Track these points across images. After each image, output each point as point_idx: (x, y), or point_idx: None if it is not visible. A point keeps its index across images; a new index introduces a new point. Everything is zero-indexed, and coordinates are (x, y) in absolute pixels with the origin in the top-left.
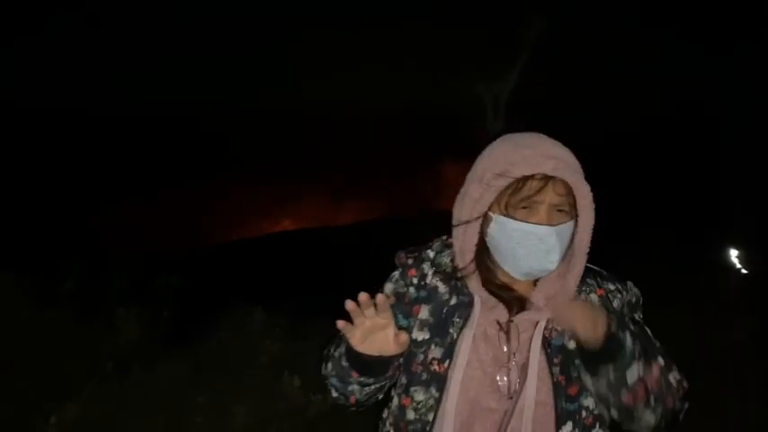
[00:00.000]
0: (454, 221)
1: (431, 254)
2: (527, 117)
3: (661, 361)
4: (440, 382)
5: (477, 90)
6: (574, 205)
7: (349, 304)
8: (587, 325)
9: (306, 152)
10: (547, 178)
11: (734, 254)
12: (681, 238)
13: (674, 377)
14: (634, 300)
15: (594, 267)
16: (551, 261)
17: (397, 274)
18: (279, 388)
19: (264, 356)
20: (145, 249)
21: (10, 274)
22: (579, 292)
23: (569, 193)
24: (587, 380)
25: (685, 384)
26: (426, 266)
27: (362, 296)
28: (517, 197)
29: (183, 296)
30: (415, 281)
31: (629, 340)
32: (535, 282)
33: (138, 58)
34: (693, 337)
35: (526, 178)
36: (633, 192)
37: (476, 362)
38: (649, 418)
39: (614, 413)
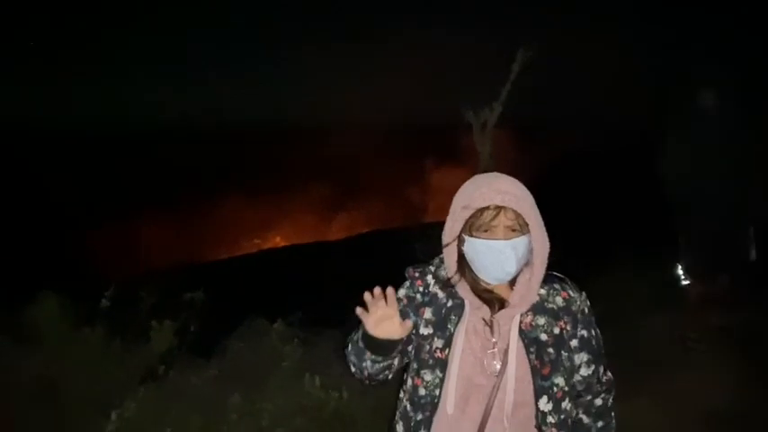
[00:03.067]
0: (443, 244)
1: (432, 268)
2: (513, 132)
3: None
4: (442, 365)
5: (464, 108)
6: (528, 225)
7: (366, 296)
8: None
9: (299, 167)
10: (499, 208)
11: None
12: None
13: (608, 386)
14: (586, 309)
15: (560, 275)
16: (510, 266)
17: (407, 283)
18: (301, 387)
19: (286, 361)
20: (146, 266)
21: (52, 294)
22: (548, 293)
23: (520, 216)
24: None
25: (612, 379)
26: (429, 278)
27: (376, 290)
28: (478, 223)
29: (206, 310)
30: (420, 289)
31: None
32: (512, 286)
33: (141, 78)
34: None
35: (483, 209)
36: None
37: (468, 349)
38: None
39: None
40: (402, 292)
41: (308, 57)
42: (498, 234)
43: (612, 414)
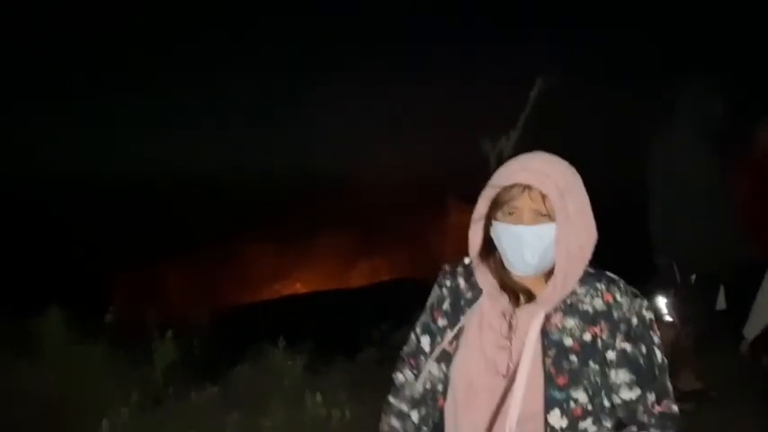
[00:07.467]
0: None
1: (466, 261)
2: None
3: None
4: (448, 359)
5: (483, 151)
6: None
7: None
8: None
9: (320, 216)
10: (523, 187)
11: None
12: None
13: (662, 421)
14: (636, 320)
15: (613, 276)
16: (531, 256)
17: (436, 284)
18: (302, 403)
19: (288, 379)
20: (166, 309)
21: (59, 309)
22: (586, 293)
23: (547, 199)
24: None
25: (672, 413)
26: (459, 270)
27: None
28: (501, 203)
29: (214, 335)
30: (447, 283)
31: None
32: (547, 280)
33: (161, 125)
34: None
35: (508, 187)
36: None
37: (478, 346)
38: None
39: None
40: (428, 300)
41: (333, 105)
42: (522, 218)
43: None
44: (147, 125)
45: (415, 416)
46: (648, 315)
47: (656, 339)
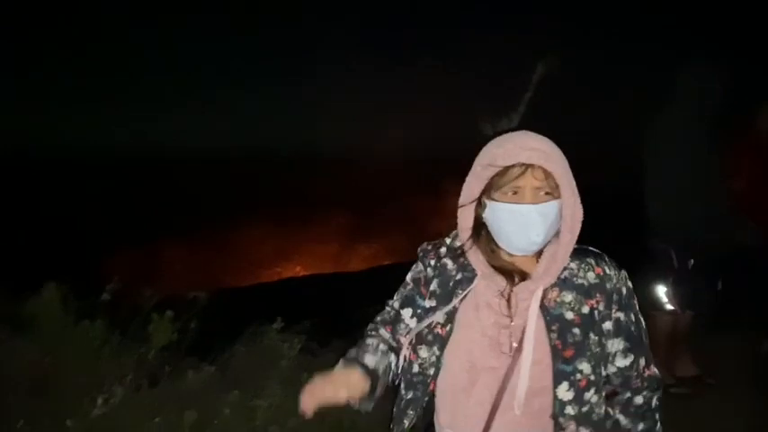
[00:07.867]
0: (458, 207)
1: (447, 240)
2: None
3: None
4: (441, 342)
5: (483, 132)
6: (559, 187)
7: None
8: None
9: (319, 198)
10: (526, 166)
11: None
12: None
13: (651, 383)
14: (625, 290)
15: (596, 250)
16: (537, 234)
17: (417, 261)
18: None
19: (285, 360)
20: (165, 291)
21: (56, 288)
22: (579, 268)
23: (550, 177)
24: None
25: (658, 376)
26: (443, 251)
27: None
28: (501, 183)
29: (208, 314)
30: (431, 262)
31: None
32: (537, 258)
33: (156, 106)
34: None
35: (508, 167)
36: None
37: (477, 327)
38: None
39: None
40: (409, 275)
41: (334, 86)
42: (524, 197)
43: (657, 416)
44: (147, 102)
45: (392, 358)
46: (630, 284)
47: (637, 306)
